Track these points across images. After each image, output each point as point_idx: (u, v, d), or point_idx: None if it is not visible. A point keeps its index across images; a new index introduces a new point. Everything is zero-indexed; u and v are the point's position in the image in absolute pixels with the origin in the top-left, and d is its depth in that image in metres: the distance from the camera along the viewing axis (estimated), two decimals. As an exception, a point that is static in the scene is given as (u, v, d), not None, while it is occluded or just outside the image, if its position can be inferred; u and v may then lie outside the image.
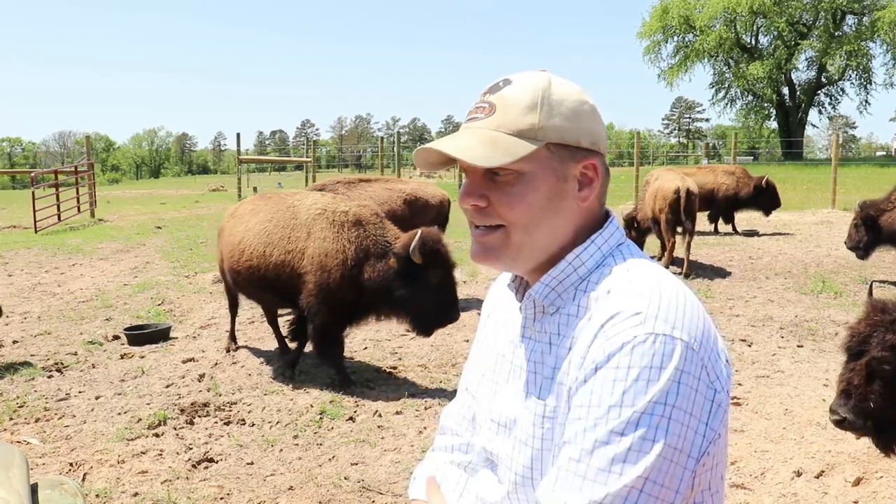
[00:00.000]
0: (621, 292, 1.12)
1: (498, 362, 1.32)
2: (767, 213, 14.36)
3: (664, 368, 1.02)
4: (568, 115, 1.18)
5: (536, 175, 1.17)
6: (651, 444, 1.00)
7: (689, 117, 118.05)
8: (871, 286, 3.84)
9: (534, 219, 1.18)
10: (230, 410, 5.01)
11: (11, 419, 4.90)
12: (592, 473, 1.01)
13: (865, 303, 3.05)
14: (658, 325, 1.05)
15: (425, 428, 4.67)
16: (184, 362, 6.11)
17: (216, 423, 4.82)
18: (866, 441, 4.26)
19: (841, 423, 2.94)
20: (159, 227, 16.91)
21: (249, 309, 8.02)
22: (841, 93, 50.97)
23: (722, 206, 14.28)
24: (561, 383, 1.14)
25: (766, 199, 13.98)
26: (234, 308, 6.56)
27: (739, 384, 5.34)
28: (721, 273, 10.08)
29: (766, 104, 51.93)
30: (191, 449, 4.37)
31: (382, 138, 30.67)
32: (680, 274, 9.53)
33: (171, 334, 6.99)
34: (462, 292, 8.71)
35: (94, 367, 6.08)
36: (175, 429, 4.69)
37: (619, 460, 1.00)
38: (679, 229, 10.18)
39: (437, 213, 8.52)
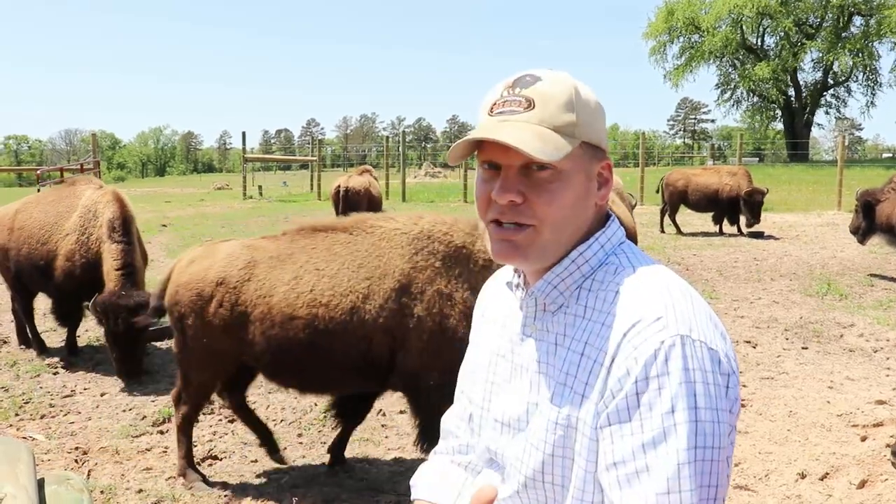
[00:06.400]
0: (634, 296, 1.12)
1: (494, 362, 1.30)
2: (749, 224, 14.03)
3: (695, 370, 1.04)
4: (593, 114, 1.18)
5: (571, 173, 1.16)
6: (711, 451, 1.02)
7: (695, 118, 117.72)
8: None
9: (566, 217, 1.17)
10: (234, 408, 5.02)
11: (17, 415, 4.92)
12: (674, 487, 1.01)
13: None
14: (680, 327, 1.06)
15: (429, 427, 4.67)
16: (188, 360, 6.11)
17: (220, 420, 4.83)
18: (871, 444, 4.26)
19: None
20: (164, 226, 16.94)
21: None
22: (847, 93, 50.84)
23: (725, 207, 14.25)
24: (577, 392, 1.13)
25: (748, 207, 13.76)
26: None
27: (744, 385, 5.32)
28: (726, 274, 10.06)
29: (771, 105, 51.81)
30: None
31: (388, 138, 30.69)
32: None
33: (176, 332, 7.00)
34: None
35: (99, 365, 6.09)
36: (180, 426, 4.70)
37: (689, 475, 1.01)
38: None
39: None
